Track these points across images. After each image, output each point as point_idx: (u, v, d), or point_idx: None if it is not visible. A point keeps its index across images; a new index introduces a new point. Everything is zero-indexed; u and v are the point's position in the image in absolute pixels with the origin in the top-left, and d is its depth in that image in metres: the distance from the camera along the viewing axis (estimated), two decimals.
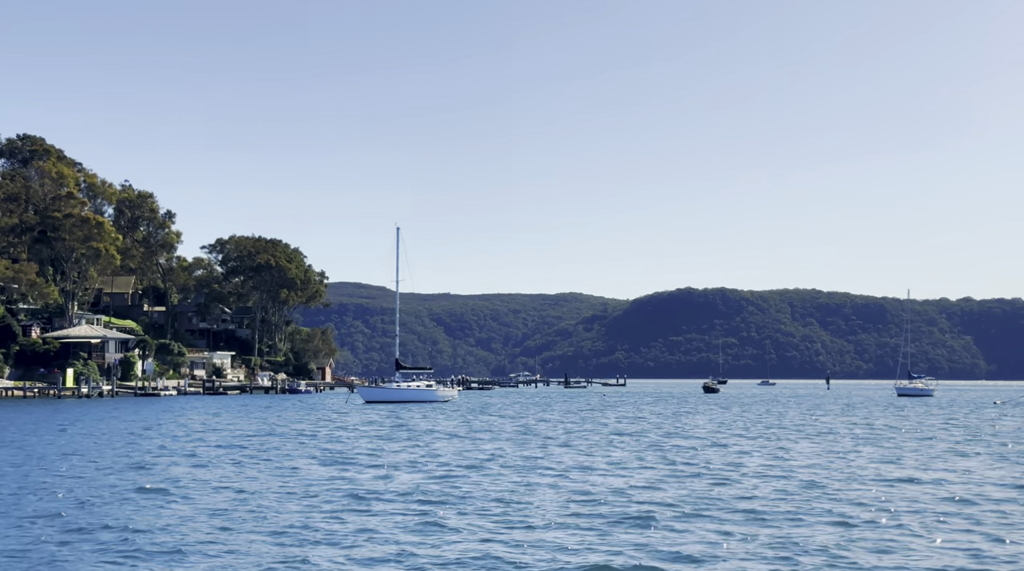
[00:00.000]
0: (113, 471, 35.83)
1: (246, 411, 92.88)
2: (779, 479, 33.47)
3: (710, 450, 46.60)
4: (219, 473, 35.02)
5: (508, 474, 34.80)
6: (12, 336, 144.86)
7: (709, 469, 36.88)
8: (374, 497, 28.43)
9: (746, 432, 61.37)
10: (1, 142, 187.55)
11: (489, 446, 48.16)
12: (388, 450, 46.12)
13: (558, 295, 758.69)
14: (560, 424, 69.89)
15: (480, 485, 31.18)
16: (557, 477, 33.82)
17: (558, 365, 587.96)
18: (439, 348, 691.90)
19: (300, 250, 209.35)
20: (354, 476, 34.40)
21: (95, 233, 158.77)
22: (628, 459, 41.24)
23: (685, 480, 33.00)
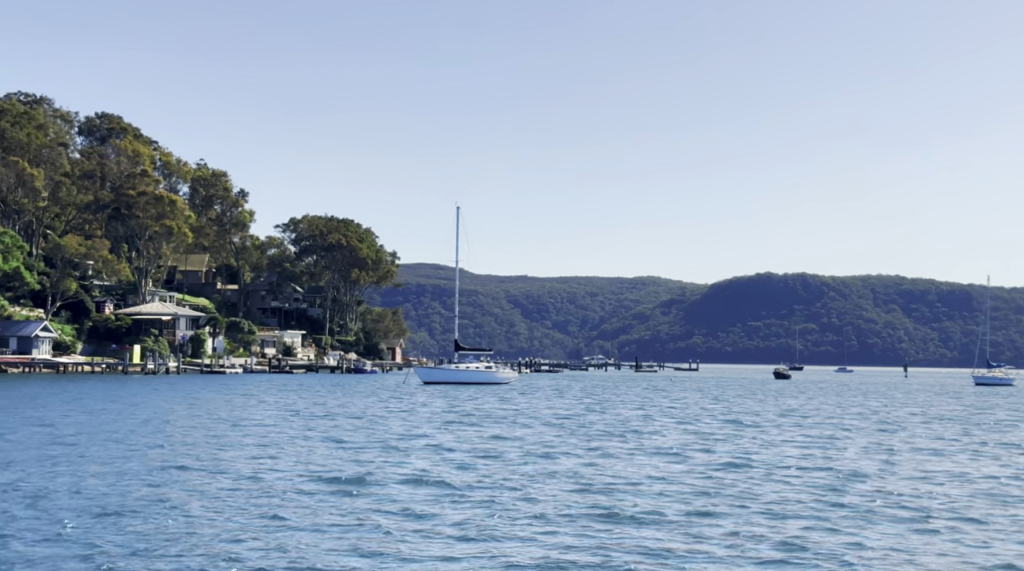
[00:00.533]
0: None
1: (295, 389, 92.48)
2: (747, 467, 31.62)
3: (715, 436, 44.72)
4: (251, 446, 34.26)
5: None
6: (86, 312, 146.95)
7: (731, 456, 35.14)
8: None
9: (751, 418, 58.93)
10: (80, 121, 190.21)
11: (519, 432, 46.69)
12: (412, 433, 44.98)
13: (636, 279, 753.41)
14: (600, 408, 68.23)
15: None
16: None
17: (634, 349, 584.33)
18: (516, 330, 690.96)
19: (372, 230, 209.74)
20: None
21: (168, 211, 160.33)
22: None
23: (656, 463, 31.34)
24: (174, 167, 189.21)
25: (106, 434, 40.29)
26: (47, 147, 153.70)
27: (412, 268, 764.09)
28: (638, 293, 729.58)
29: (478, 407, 65.87)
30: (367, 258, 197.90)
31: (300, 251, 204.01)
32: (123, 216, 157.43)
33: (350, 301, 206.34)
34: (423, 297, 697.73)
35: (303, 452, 34.42)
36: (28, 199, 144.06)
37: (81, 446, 35.13)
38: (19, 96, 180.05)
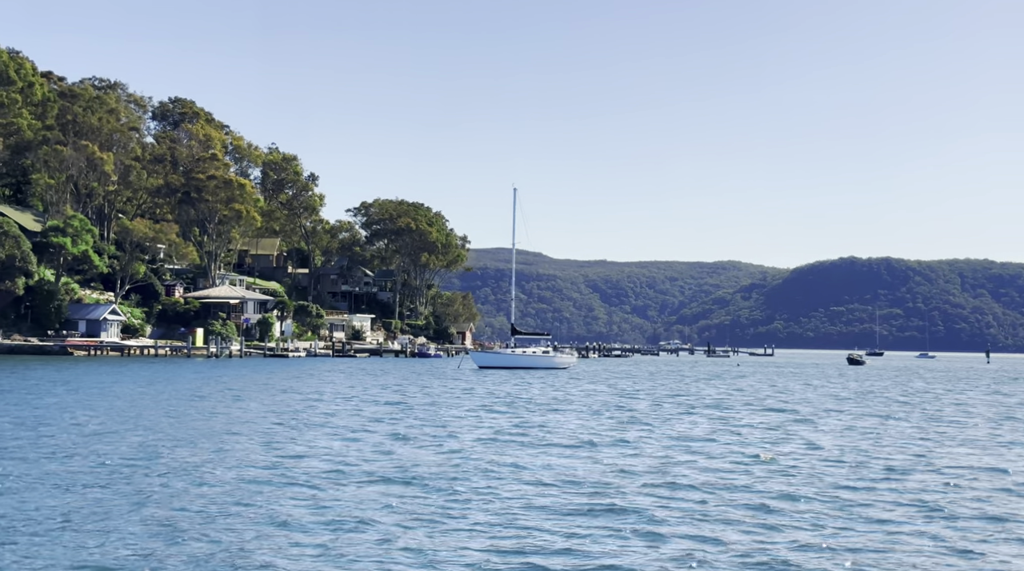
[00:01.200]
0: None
1: (346, 373, 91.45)
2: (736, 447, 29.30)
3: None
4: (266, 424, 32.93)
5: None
6: (155, 295, 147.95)
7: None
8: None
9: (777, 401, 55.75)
10: (154, 105, 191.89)
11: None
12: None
13: (716, 263, 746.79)
14: (639, 394, 65.92)
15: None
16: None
17: (714, 334, 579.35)
18: (594, 315, 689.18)
19: (442, 214, 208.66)
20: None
21: (237, 195, 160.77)
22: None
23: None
24: (245, 151, 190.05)
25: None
26: (118, 131, 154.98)
27: (492, 253, 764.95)
28: (718, 277, 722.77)
29: (513, 391, 64.15)
30: (437, 242, 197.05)
31: (371, 235, 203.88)
32: (193, 200, 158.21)
33: (420, 285, 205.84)
34: (502, 282, 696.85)
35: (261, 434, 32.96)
36: (98, 183, 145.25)
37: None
38: (93, 81, 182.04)
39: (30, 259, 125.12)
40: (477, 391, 64.43)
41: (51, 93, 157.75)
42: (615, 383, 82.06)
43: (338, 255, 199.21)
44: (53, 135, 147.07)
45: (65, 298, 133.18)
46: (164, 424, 36.95)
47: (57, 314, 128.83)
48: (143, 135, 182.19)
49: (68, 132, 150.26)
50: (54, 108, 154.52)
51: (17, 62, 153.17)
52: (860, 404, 57.02)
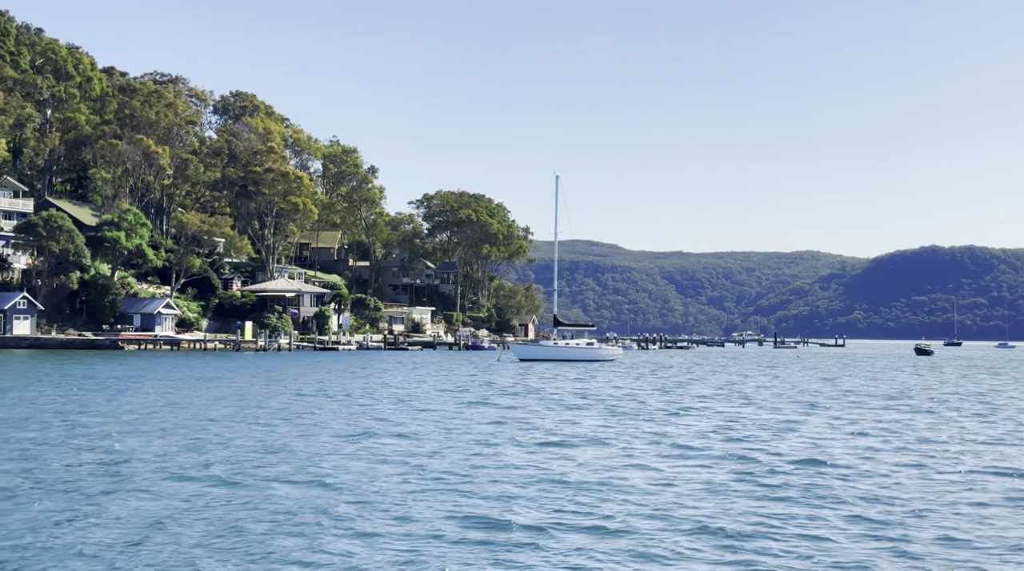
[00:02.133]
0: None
1: (384, 366, 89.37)
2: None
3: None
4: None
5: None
6: (212, 289, 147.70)
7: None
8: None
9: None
10: (215, 99, 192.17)
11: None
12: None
13: (794, 253, 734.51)
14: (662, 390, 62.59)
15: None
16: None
17: (792, 325, 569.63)
18: (670, 306, 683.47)
19: (504, 206, 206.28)
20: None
21: (294, 187, 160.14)
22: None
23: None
24: (304, 144, 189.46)
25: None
26: (175, 125, 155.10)
27: (566, 245, 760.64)
28: (796, 268, 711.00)
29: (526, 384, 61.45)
30: (498, 233, 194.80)
31: (433, 227, 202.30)
32: (250, 193, 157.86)
33: (482, 277, 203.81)
34: (576, 273, 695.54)
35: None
36: (154, 177, 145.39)
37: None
38: (154, 76, 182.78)
39: (84, 253, 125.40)
40: (482, 384, 61.80)
41: (110, 88, 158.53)
42: (648, 377, 78.75)
43: (399, 248, 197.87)
44: (110, 129, 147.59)
45: (121, 292, 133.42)
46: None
47: (112, 308, 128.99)
48: (204, 129, 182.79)
49: (126, 126, 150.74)
50: (112, 103, 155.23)
51: (76, 57, 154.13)
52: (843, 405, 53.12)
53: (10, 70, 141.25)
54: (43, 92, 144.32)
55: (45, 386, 53.16)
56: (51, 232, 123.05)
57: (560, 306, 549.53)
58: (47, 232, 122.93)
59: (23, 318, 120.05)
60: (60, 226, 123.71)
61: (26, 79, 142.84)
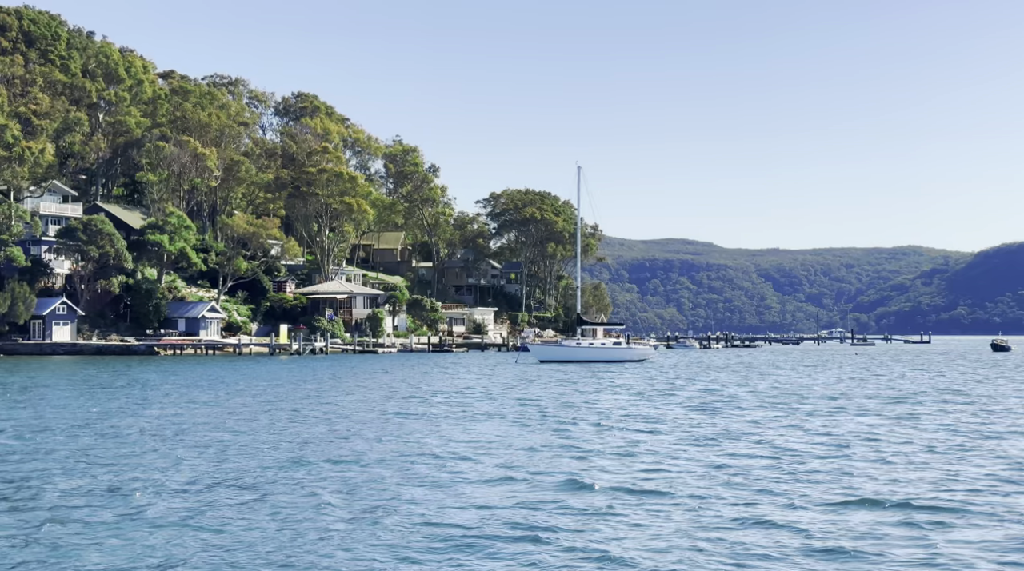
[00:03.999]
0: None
1: (394, 370, 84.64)
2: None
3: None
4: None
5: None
6: (262, 292, 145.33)
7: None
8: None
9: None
10: (276, 101, 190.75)
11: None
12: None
13: (895, 248, 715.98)
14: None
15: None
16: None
17: (893, 321, 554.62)
18: (767, 304, 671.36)
19: (571, 203, 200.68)
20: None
21: (348, 187, 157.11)
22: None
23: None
24: (364, 143, 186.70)
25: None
26: (227, 127, 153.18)
27: (660, 243, 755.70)
28: (897, 263, 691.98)
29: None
30: (563, 231, 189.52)
31: (499, 226, 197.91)
32: (303, 194, 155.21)
33: (547, 276, 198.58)
34: (671, 272, 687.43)
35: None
36: (201, 179, 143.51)
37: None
38: (214, 78, 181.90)
39: (125, 257, 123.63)
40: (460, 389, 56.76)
41: (162, 90, 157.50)
42: (673, 379, 72.99)
43: (463, 247, 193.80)
44: (161, 132, 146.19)
45: (167, 296, 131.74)
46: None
47: (156, 313, 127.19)
48: (254, 131, 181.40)
49: (178, 129, 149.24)
50: (164, 105, 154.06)
51: (128, 60, 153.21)
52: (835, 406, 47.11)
53: (59, 74, 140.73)
54: (91, 96, 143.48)
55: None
56: (92, 236, 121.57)
57: (654, 306, 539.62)
58: (87, 236, 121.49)
59: (63, 324, 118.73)
60: (100, 230, 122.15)
61: (75, 83, 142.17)
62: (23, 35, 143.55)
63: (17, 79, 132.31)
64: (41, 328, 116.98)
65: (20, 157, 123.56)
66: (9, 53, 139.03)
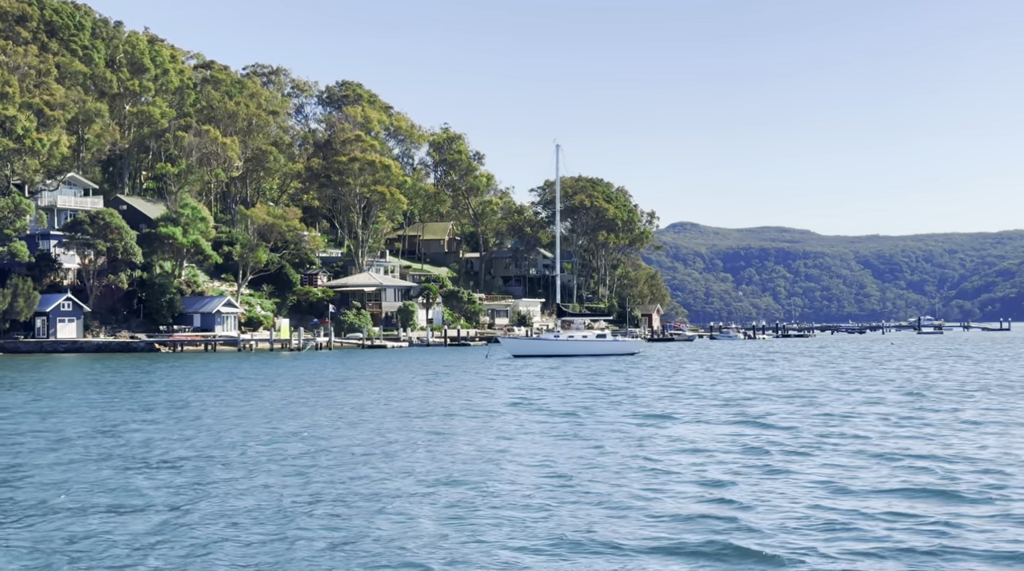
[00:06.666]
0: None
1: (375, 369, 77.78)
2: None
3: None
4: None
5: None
6: (289, 285, 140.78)
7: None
8: None
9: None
10: (319, 90, 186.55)
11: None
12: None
13: (1001, 233, 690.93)
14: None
15: None
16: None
17: (998, 308, 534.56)
18: (866, 292, 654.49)
19: (625, 190, 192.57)
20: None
21: (382, 176, 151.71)
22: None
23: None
24: (407, 132, 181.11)
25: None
26: (255, 116, 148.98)
27: (756, 232, 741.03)
28: (1003, 248, 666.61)
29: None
30: (616, 219, 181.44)
31: (550, 215, 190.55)
32: (334, 183, 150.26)
33: (601, 265, 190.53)
34: (766, 261, 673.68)
35: None
36: (223, 169, 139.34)
37: None
38: (255, 68, 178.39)
39: (135, 251, 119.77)
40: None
41: (190, 80, 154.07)
42: (643, 380, 65.08)
43: (513, 237, 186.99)
44: (186, 122, 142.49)
45: (186, 291, 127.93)
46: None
47: (170, 308, 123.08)
48: (305, 120, 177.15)
49: (203, 119, 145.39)
50: (192, 95, 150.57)
51: (154, 50, 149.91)
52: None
53: (79, 64, 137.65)
54: (113, 86, 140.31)
55: None
56: (99, 230, 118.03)
57: (749, 295, 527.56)
58: (95, 230, 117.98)
59: (68, 321, 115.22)
60: (109, 223, 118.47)
61: (96, 73, 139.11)
62: (45, 25, 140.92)
63: (32, 70, 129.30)
64: (46, 325, 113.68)
65: (32, 149, 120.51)
66: (30, 43, 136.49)
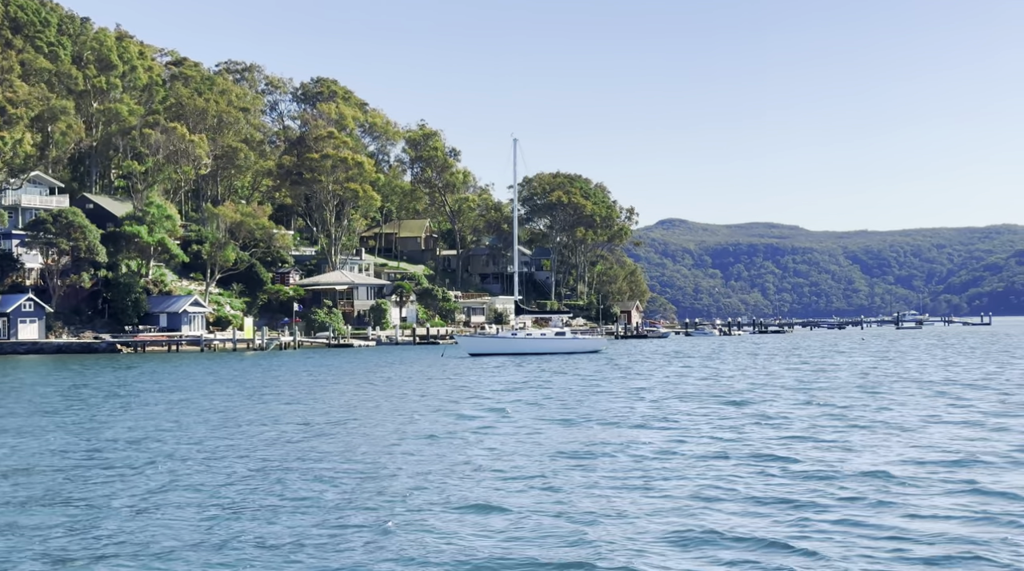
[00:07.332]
0: None
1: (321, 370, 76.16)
2: None
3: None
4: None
5: None
6: (259, 284, 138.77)
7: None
8: None
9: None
10: (294, 86, 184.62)
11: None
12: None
13: (988, 227, 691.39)
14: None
15: None
16: None
17: (986, 302, 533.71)
18: (854, 287, 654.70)
19: (604, 186, 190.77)
20: None
21: (354, 173, 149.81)
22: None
23: None
24: (382, 128, 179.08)
25: None
26: (224, 113, 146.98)
27: (744, 228, 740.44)
28: (991, 242, 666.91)
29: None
30: (594, 215, 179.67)
31: (528, 212, 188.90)
32: (306, 180, 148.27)
33: (581, 262, 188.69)
34: (755, 257, 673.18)
35: None
36: (191, 167, 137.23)
37: None
38: (227, 65, 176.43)
39: (98, 250, 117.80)
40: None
41: (159, 77, 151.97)
42: (606, 379, 63.51)
43: (490, 234, 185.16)
44: (155, 119, 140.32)
45: (153, 290, 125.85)
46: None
47: (135, 308, 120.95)
48: (280, 117, 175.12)
49: (172, 116, 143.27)
50: (160, 92, 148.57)
51: (122, 47, 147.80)
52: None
53: (44, 62, 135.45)
54: (80, 83, 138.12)
55: None
56: (62, 229, 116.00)
57: (738, 291, 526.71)
58: (57, 229, 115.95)
59: (30, 321, 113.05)
60: (72, 222, 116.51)
61: (61, 70, 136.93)
62: (9, 22, 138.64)
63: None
64: (7, 326, 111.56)
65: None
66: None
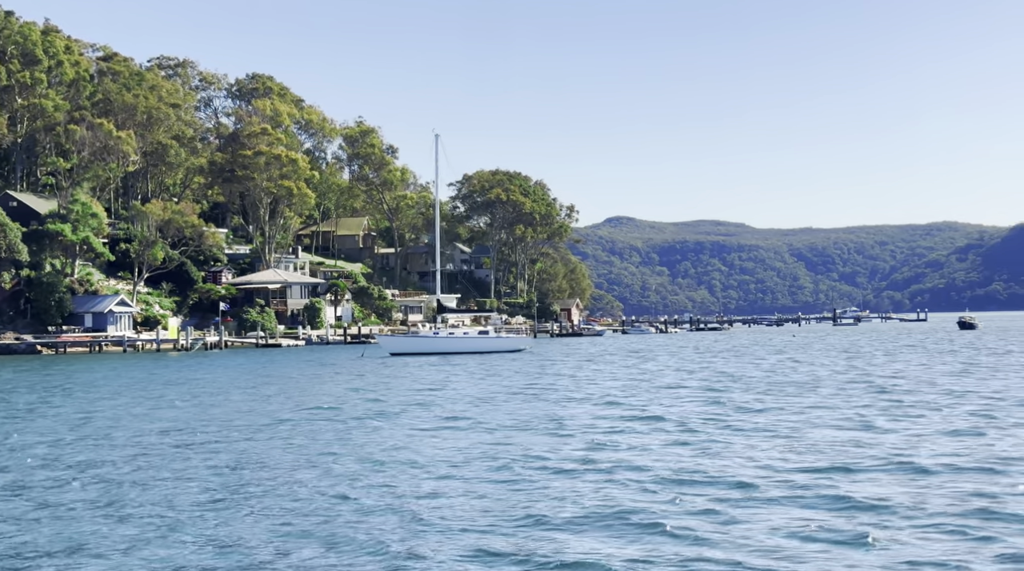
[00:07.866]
0: None
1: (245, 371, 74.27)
2: None
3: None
4: None
5: None
6: (190, 283, 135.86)
7: None
8: None
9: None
10: (229, 83, 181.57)
11: None
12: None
13: (929, 225, 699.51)
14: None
15: None
16: None
17: (927, 298, 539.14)
18: (800, 284, 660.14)
19: (544, 184, 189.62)
20: None
21: (288, 171, 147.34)
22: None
23: None
24: (318, 125, 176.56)
25: None
26: (154, 109, 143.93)
27: (691, 225, 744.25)
28: (932, 239, 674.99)
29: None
30: (534, 213, 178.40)
31: (468, 209, 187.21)
32: (238, 178, 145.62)
33: (521, 260, 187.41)
34: (701, 254, 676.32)
35: None
36: (118, 164, 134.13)
37: None
38: (159, 60, 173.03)
39: (18, 249, 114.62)
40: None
41: (86, 72, 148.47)
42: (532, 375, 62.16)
43: (428, 232, 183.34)
44: (82, 115, 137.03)
45: (78, 290, 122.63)
46: None
47: (59, 308, 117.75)
48: (215, 114, 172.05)
49: (100, 112, 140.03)
50: (88, 87, 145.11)
51: (48, 41, 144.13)
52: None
53: None
54: (2, 78, 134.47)
55: None
56: None
57: (685, 288, 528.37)
58: None
59: None
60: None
61: None
62: None
63: None
64: None
65: None
66: None
